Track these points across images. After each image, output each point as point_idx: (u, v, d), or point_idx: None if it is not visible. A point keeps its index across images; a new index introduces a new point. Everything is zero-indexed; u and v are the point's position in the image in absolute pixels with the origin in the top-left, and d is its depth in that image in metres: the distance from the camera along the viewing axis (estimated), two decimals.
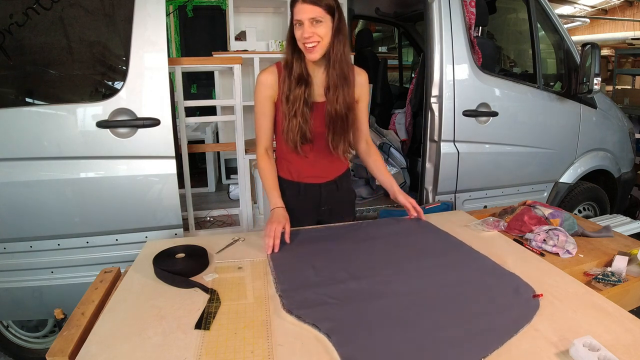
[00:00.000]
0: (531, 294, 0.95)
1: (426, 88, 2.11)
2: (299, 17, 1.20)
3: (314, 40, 1.21)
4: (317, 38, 1.21)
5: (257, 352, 0.78)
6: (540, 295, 0.94)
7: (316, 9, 1.19)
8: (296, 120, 1.29)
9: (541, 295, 0.94)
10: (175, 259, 1.13)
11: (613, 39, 7.60)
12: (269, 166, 1.38)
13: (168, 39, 2.89)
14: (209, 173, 3.14)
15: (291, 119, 1.29)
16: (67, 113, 1.57)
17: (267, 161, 1.38)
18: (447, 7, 2.02)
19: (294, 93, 1.28)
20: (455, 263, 1.12)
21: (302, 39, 1.22)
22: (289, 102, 1.29)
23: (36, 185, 1.57)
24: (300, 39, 1.22)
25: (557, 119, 2.38)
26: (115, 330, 0.85)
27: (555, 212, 1.42)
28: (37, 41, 1.60)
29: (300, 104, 1.28)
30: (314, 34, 1.20)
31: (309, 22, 1.19)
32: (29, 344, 1.99)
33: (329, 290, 0.98)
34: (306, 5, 1.19)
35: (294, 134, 1.30)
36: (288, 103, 1.29)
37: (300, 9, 1.20)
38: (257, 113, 1.37)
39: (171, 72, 1.85)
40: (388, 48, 6.04)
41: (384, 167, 1.53)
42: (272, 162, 1.40)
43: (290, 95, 1.29)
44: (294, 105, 1.28)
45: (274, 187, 1.36)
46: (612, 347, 0.75)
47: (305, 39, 1.21)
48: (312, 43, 1.21)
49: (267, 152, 1.39)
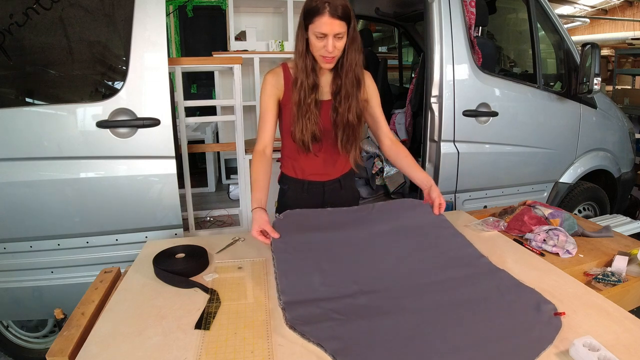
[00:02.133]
0: (552, 312, 0.89)
1: (426, 88, 2.11)
2: (325, 31, 1.18)
3: (334, 54, 1.23)
4: (337, 53, 1.23)
5: (257, 352, 0.78)
6: (563, 314, 0.88)
7: (343, 24, 1.19)
8: (309, 122, 1.30)
9: (564, 313, 0.88)
10: (175, 259, 1.13)
11: (613, 39, 7.59)
12: (263, 165, 1.32)
13: (168, 39, 2.89)
14: (209, 173, 3.14)
15: (305, 121, 1.30)
16: (67, 113, 1.57)
17: (262, 159, 1.33)
18: (447, 7, 2.02)
19: (307, 99, 1.29)
20: (472, 277, 1.04)
21: (323, 51, 1.22)
22: (301, 106, 1.29)
23: (36, 185, 1.57)
24: (321, 51, 1.22)
25: (557, 119, 2.38)
26: (115, 330, 0.85)
27: (555, 212, 1.42)
28: (37, 41, 1.60)
29: (312, 107, 1.30)
30: (335, 48, 1.21)
31: (333, 37, 1.19)
32: (29, 344, 1.99)
33: (335, 305, 0.92)
34: (335, 21, 1.17)
35: (303, 135, 1.31)
36: (300, 107, 1.30)
37: (327, 22, 1.17)
38: (261, 110, 1.38)
39: (171, 72, 1.85)
40: (388, 48, 6.03)
41: (414, 164, 1.44)
42: (266, 161, 1.34)
43: (302, 100, 1.29)
44: (308, 109, 1.29)
45: (260, 187, 1.28)
46: (612, 347, 0.75)
47: (329, 52, 1.21)
48: (331, 56, 1.23)
49: (265, 151, 1.35)
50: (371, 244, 1.18)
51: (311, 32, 1.22)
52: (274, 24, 3.38)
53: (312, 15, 1.19)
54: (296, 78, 1.30)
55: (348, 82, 1.29)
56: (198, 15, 3.66)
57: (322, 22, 1.17)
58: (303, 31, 1.25)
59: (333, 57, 1.24)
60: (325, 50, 1.21)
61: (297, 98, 1.29)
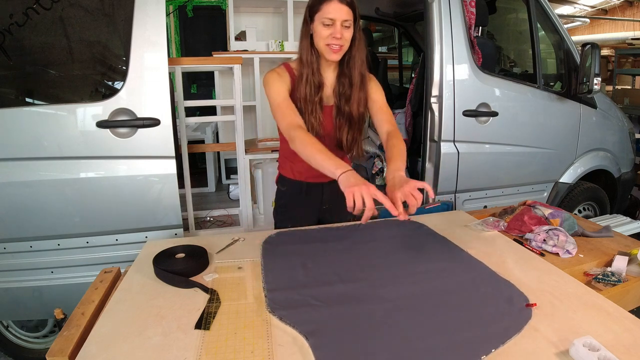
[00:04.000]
0: (524, 303, 0.91)
1: (426, 88, 2.11)
2: (332, 16, 1.17)
3: (342, 44, 1.20)
4: (344, 43, 1.21)
5: (257, 352, 0.78)
6: (534, 305, 0.90)
7: (350, 13, 1.18)
8: (312, 120, 1.28)
9: (535, 304, 0.90)
10: (175, 259, 1.13)
11: (613, 39, 7.60)
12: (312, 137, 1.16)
13: (168, 39, 2.89)
14: (209, 173, 3.14)
15: (307, 116, 1.28)
16: (67, 113, 1.57)
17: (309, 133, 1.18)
18: (447, 7, 2.02)
19: (314, 96, 1.27)
20: (449, 269, 1.08)
21: (330, 38, 1.19)
22: (308, 102, 1.28)
23: (36, 185, 1.57)
24: (328, 38, 1.20)
25: (557, 119, 2.38)
26: (115, 330, 0.85)
27: (555, 212, 1.42)
28: (37, 41, 1.60)
29: (315, 107, 1.28)
30: (343, 36, 1.19)
31: (341, 23, 1.18)
32: (29, 344, 1.99)
33: (314, 292, 0.96)
34: (344, 7, 1.17)
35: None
36: (307, 103, 1.28)
37: (336, 8, 1.16)
38: (277, 100, 1.24)
39: (171, 72, 1.85)
40: (388, 48, 6.04)
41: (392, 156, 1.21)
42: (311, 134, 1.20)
43: (309, 96, 1.27)
44: (313, 107, 1.28)
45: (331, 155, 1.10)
46: (612, 347, 0.75)
47: (336, 39, 1.19)
48: (338, 44, 1.20)
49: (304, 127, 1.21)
50: (355, 249, 1.22)
51: (318, 22, 1.19)
52: (274, 24, 3.38)
53: (319, 3, 1.18)
54: (301, 74, 1.28)
55: (353, 80, 1.28)
56: (198, 15, 3.66)
57: (330, 7, 1.16)
58: (308, 27, 1.24)
59: (340, 47, 1.21)
60: (333, 37, 1.18)
61: (304, 93, 1.27)
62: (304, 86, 1.27)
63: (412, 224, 1.41)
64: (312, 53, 1.26)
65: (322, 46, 1.22)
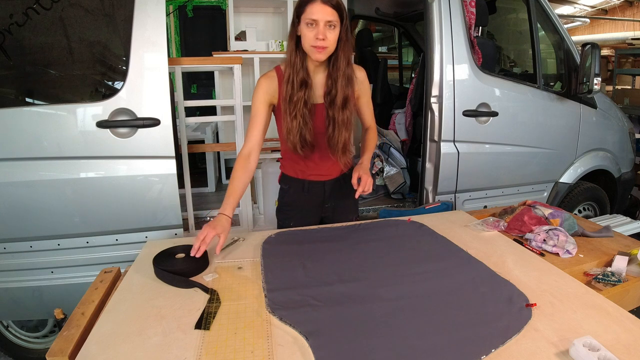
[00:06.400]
0: (524, 303, 0.91)
1: (426, 88, 2.11)
2: (315, 17, 1.18)
3: (325, 45, 1.21)
4: (327, 43, 1.21)
5: (257, 352, 0.78)
6: (534, 305, 0.90)
7: (334, 13, 1.19)
8: (296, 122, 1.29)
9: (535, 304, 0.91)
10: (175, 259, 1.13)
11: (613, 39, 7.60)
12: (244, 172, 1.30)
13: (168, 39, 2.89)
14: (209, 173, 3.14)
15: (292, 119, 1.29)
16: (67, 113, 1.57)
17: (245, 165, 1.30)
18: (447, 7, 2.02)
19: (296, 95, 1.28)
20: (449, 269, 1.08)
21: (313, 40, 1.20)
22: (291, 104, 1.29)
23: (36, 185, 1.57)
24: (311, 40, 1.21)
25: (557, 119, 2.38)
26: (115, 330, 0.85)
27: (555, 212, 1.42)
28: (37, 41, 1.60)
29: (301, 105, 1.28)
30: (326, 37, 1.20)
31: (324, 24, 1.19)
32: (29, 344, 1.99)
33: (314, 292, 0.97)
34: (327, 7, 1.17)
35: (294, 136, 1.30)
36: (290, 104, 1.29)
37: (319, 9, 1.17)
38: (252, 114, 1.35)
39: (171, 72, 1.85)
40: (388, 48, 6.04)
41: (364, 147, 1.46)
42: (249, 168, 1.31)
43: (292, 97, 1.28)
44: (295, 107, 1.28)
45: (233, 194, 1.26)
46: (612, 347, 0.75)
47: (319, 40, 1.20)
48: (322, 45, 1.21)
49: (250, 156, 1.32)
50: (354, 249, 1.23)
51: (303, 23, 1.21)
52: (274, 24, 3.38)
53: (304, 4, 1.19)
54: (286, 75, 1.30)
55: (338, 80, 1.29)
56: (198, 15, 3.66)
57: (315, 8, 1.18)
58: (295, 28, 1.26)
59: (324, 48, 1.21)
60: (316, 38, 1.19)
61: (285, 92, 1.29)
62: (286, 86, 1.29)
63: (412, 224, 1.41)
64: (297, 54, 1.27)
65: (307, 47, 1.24)
